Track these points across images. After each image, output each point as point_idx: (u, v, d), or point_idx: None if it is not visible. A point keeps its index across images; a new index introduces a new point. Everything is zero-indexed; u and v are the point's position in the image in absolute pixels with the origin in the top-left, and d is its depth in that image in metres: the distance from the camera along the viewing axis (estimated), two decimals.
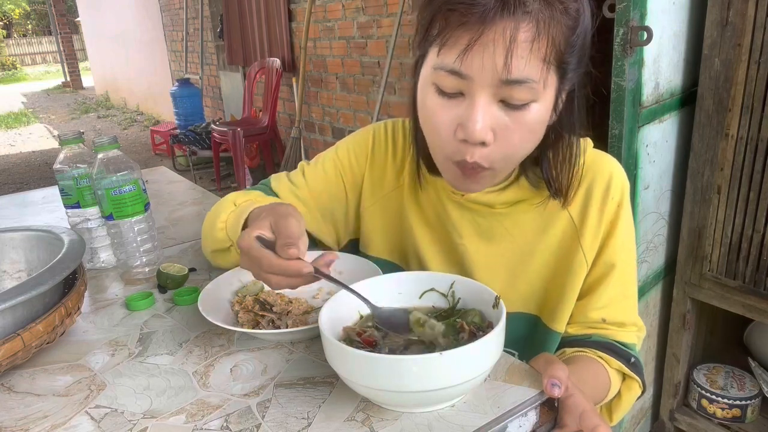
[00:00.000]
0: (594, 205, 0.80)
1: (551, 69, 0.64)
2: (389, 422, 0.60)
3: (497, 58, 0.61)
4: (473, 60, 0.63)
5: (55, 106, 11.46)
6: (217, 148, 4.73)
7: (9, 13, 25.31)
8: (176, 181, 1.62)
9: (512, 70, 0.62)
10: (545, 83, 0.64)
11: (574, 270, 0.81)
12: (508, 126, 0.66)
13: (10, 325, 0.68)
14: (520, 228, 0.82)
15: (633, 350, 0.82)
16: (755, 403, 1.58)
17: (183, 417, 0.63)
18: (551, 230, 0.82)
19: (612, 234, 0.80)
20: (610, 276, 0.80)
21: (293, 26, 4.37)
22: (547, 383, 0.62)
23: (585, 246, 0.80)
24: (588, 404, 0.64)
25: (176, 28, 6.88)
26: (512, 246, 0.83)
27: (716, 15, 1.31)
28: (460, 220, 0.84)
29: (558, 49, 0.63)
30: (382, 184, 0.90)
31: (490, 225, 0.83)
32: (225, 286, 0.85)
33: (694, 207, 1.48)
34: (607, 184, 0.79)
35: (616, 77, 1.30)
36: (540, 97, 0.65)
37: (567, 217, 0.81)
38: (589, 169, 0.80)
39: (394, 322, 0.67)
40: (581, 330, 0.82)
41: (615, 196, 0.79)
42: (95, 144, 0.93)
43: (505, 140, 0.67)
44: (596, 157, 0.81)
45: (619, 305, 0.81)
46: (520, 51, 0.61)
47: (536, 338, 0.84)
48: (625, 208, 0.80)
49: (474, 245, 0.84)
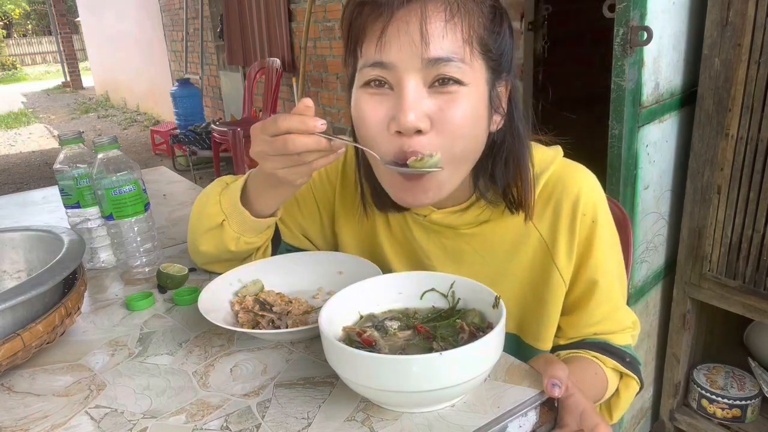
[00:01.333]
0: (563, 222, 0.77)
1: (474, 52, 0.65)
2: (389, 422, 0.60)
3: (414, 36, 0.62)
4: (391, 46, 0.64)
5: (55, 106, 11.46)
6: (217, 148, 4.72)
7: (9, 13, 25.31)
8: (176, 181, 1.62)
9: (430, 46, 0.63)
10: (471, 65, 0.65)
11: (551, 289, 0.78)
12: (442, 110, 0.65)
13: (10, 325, 0.68)
14: (488, 249, 0.80)
15: (628, 349, 0.82)
16: (755, 403, 1.58)
17: (183, 417, 0.63)
18: (522, 250, 0.79)
19: (590, 252, 0.77)
20: (595, 293, 0.78)
21: (293, 26, 4.37)
22: (548, 383, 0.61)
23: (560, 265, 0.78)
24: (588, 403, 0.64)
25: (176, 28, 6.88)
26: (482, 267, 0.81)
27: (716, 15, 1.31)
28: (427, 243, 0.83)
29: (477, 32, 0.65)
30: (353, 204, 0.87)
31: (457, 246, 0.81)
32: (225, 286, 0.85)
33: (694, 207, 1.48)
34: (574, 200, 0.76)
35: (616, 77, 1.30)
36: (469, 81, 0.65)
37: (537, 235, 0.78)
38: (557, 184, 0.77)
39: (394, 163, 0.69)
40: (573, 341, 0.82)
41: (587, 212, 0.76)
42: (95, 144, 0.93)
43: (441, 126, 0.66)
44: (564, 170, 0.78)
45: (611, 319, 0.80)
46: (435, 29, 0.63)
47: (520, 357, 0.84)
48: (601, 222, 0.77)
49: (443, 267, 0.82)
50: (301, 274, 0.89)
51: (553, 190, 0.77)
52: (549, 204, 0.78)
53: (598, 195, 0.78)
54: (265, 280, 0.88)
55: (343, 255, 0.91)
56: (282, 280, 0.88)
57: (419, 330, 0.66)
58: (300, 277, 0.88)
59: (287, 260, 0.90)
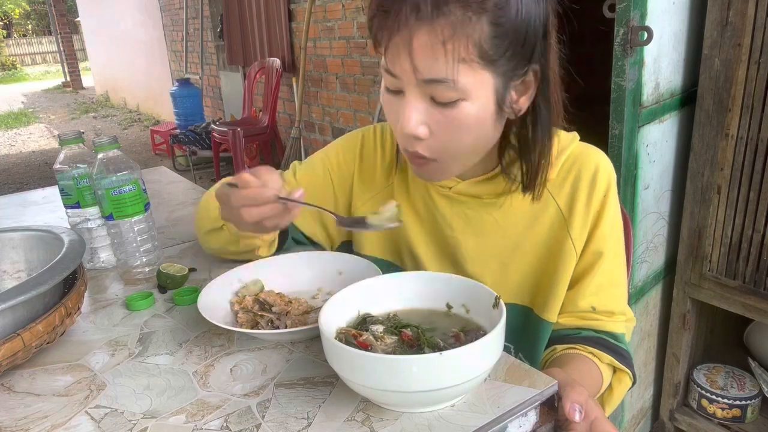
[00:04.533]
0: (581, 195, 0.81)
1: (476, 67, 0.66)
2: (389, 422, 0.60)
3: (406, 59, 0.65)
4: (395, 60, 0.67)
5: (55, 106, 11.46)
6: (217, 148, 4.72)
7: (9, 13, 25.31)
8: (176, 181, 1.62)
9: (422, 71, 0.65)
10: (473, 78, 0.66)
11: (564, 259, 0.82)
12: (440, 122, 0.69)
13: (10, 325, 0.68)
14: (509, 219, 0.84)
15: (622, 342, 0.84)
16: (755, 403, 1.58)
17: (183, 417, 0.63)
18: (540, 221, 0.83)
19: (599, 223, 0.82)
20: (598, 264, 0.82)
21: (293, 26, 4.37)
22: (570, 408, 0.62)
23: (574, 236, 0.82)
24: (599, 411, 0.64)
25: (176, 28, 6.88)
26: (503, 237, 0.84)
27: (716, 15, 1.31)
28: (450, 213, 0.86)
29: (480, 46, 0.65)
30: (372, 185, 0.92)
31: (479, 217, 0.84)
32: (225, 286, 0.85)
33: (694, 207, 1.48)
34: (593, 175, 0.81)
35: (617, 77, 1.30)
36: (469, 96, 0.67)
37: (555, 207, 0.83)
38: (575, 161, 0.82)
39: (354, 221, 0.78)
40: (571, 320, 0.83)
41: (601, 187, 0.81)
42: (95, 144, 0.93)
43: (440, 135, 0.70)
44: (582, 149, 0.83)
45: (608, 293, 0.83)
46: (432, 52, 0.64)
47: (529, 329, 0.85)
48: (611, 198, 0.82)
49: (465, 237, 0.86)
50: (301, 274, 0.89)
51: (573, 165, 0.82)
52: (568, 177, 0.82)
53: (612, 173, 0.83)
54: (265, 280, 0.88)
55: (343, 255, 0.91)
56: (282, 280, 0.88)
57: (404, 338, 0.66)
58: (300, 277, 0.89)
59: (287, 260, 0.90)
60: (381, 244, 0.93)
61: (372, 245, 0.93)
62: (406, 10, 0.63)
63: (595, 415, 0.64)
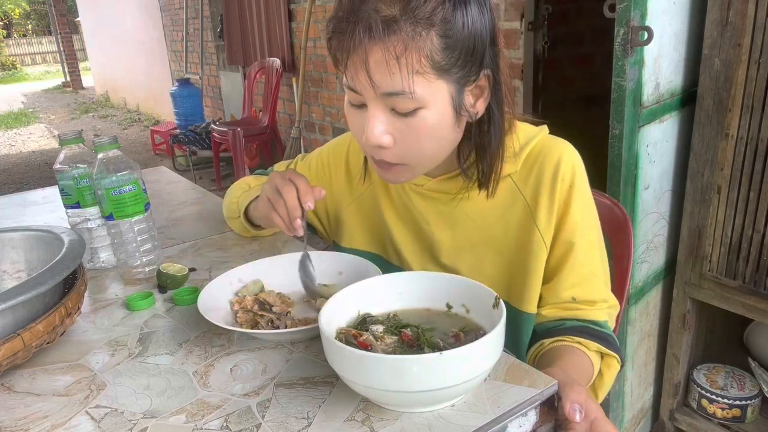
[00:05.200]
0: (544, 187, 0.83)
1: (430, 77, 0.70)
2: (389, 422, 0.60)
3: (364, 76, 0.69)
4: (355, 77, 0.71)
5: (55, 106, 11.46)
6: (217, 148, 4.72)
7: (9, 13, 25.31)
8: (176, 181, 1.62)
9: (380, 86, 0.69)
10: (429, 88, 0.70)
11: (533, 251, 0.84)
12: (403, 130, 0.73)
13: (10, 325, 0.68)
14: (480, 213, 0.87)
15: (605, 328, 0.85)
16: (755, 403, 1.58)
17: (183, 417, 0.63)
18: (509, 214, 0.85)
19: (567, 214, 0.83)
20: (572, 255, 0.83)
21: (293, 26, 4.37)
22: (570, 408, 0.63)
23: (541, 227, 0.84)
24: (599, 410, 0.65)
25: (176, 28, 6.88)
26: (474, 230, 0.88)
27: (716, 15, 1.31)
28: (425, 209, 0.90)
29: (432, 58, 0.68)
30: (357, 184, 0.98)
31: (451, 211, 0.88)
32: (225, 286, 0.85)
33: (694, 207, 1.48)
34: (555, 166, 0.82)
35: (617, 77, 1.30)
36: (427, 104, 0.71)
37: (522, 200, 0.85)
38: (539, 154, 0.84)
39: (310, 286, 0.85)
40: (554, 312, 0.85)
41: (565, 177, 0.82)
42: (95, 144, 0.93)
43: (403, 143, 0.74)
44: (546, 142, 0.85)
45: (588, 284, 0.84)
46: (387, 68, 0.68)
47: (509, 322, 0.85)
48: (578, 188, 0.83)
49: (439, 230, 0.89)
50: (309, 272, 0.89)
51: (537, 157, 0.84)
52: (533, 170, 0.84)
53: (577, 163, 0.84)
54: (265, 280, 0.88)
55: (343, 255, 0.91)
56: (282, 280, 0.88)
57: (404, 338, 0.66)
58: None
59: (287, 260, 0.90)
60: (368, 238, 0.99)
61: (360, 240, 0.99)
62: (360, 31, 0.67)
63: (595, 415, 0.64)
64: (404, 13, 0.66)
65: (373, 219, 0.97)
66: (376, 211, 0.96)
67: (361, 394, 0.63)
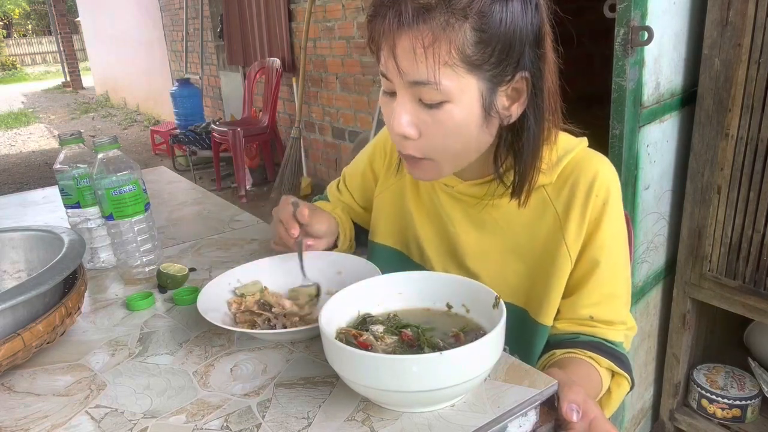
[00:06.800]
0: (577, 201, 0.80)
1: (460, 71, 0.68)
2: (389, 422, 0.60)
3: (392, 62, 0.69)
4: (386, 63, 0.71)
5: (55, 106, 11.46)
6: (217, 148, 4.72)
7: (9, 13, 25.31)
8: (176, 181, 1.62)
9: (406, 73, 0.69)
10: (457, 82, 0.68)
11: (558, 264, 0.81)
12: (428, 122, 0.72)
13: (10, 325, 0.68)
14: (508, 220, 0.85)
15: (620, 347, 0.83)
16: (755, 403, 1.58)
17: (183, 417, 0.63)
18: (539, 224, 0.83)
19: (596, 231, 0.80)
20: (596, 273, 0.81)
21: (293, 26, 4.37)
22: (567, 408, 0.62)
23: (569, 241, 0.81)
24: (598, 410, 0.64)
25: (176, 28, 6.88)
26: (501, 237, 0.86)
27: (716, 15, 1.31)
28: (453, 211, 0.88)
29: (463, 51, 0.67)
30: (392, 174, 0.97)
31: (479, 215, 0.86)
32: (225, 286, 0.85)
33: (694, 207, 1.48)
34: (590, 181, 0.80)
35: (617, 77, 1.30)
36: (454, 98, 0.70)
37: (553, 211, 0.82)
38: (576, 167, 0.81)
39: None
40: (569, 326, 0.83)
41: (600, 194, 0.80)
42: (95, 144, 0.93)
43: (428, 136, 0.73)
44: (585, 155, 0.82)
45: (608, 304, 0.82)
46: (414, 56, 0.67)
47: (525, 332, 0.85)
48: (612, 207, 0.80)
49: (466, 234, 0.88)
50: (301, 274, 0.89)
51: (573, 170, 0.81)
52: (567, 182, 0.81)
53: (612, 181, 0.81)
54: (264, 280, 0.88)
55: (343, 255, 0.91)
56: (282, 280, 0.88)
57: (404, 338, 0.66)
58: (300, 277, 0.88)
59: (287, 260, 0.90)
60: (391, 232, 0.97)
61: (383, 233, 0.98)
62: (390, 16, 0.67)
63: (594, 415, 0.64)
64: (440, 2, 0.65)
65: (398, 213, 0.96)
66: (403, 205, 0.95)
67: (361, 394, 0.63)
